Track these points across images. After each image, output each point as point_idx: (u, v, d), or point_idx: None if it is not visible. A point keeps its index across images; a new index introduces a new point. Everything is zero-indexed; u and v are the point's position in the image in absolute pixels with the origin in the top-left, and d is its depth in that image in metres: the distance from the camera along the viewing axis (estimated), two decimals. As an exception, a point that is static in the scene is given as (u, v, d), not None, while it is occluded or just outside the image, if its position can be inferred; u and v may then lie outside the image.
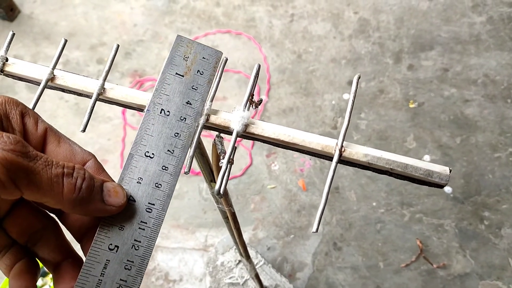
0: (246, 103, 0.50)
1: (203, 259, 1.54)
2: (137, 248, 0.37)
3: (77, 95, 0.53)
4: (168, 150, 0.42)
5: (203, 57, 0.48)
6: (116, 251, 0.36)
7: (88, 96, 0.51)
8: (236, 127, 0.48)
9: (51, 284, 1.48)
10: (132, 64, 2.01)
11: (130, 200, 0.38)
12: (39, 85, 0.52)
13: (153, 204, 0.39)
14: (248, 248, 1.07)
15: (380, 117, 1.78)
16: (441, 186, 0.47)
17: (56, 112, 1.88)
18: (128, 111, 1.86)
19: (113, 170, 1.73)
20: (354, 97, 0.49)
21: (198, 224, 1.62)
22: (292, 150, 0.50)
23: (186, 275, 1.52)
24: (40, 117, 0.39)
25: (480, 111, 1.77)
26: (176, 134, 0.44)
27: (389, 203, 1.60)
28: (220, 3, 2.20)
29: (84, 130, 0.49)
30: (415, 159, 0.48)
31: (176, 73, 0.47)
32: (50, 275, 1.48)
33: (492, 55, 1.90)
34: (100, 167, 0.39)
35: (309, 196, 1.64)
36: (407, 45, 1.97)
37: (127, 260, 0.37)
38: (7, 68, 0.52)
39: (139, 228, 0.38)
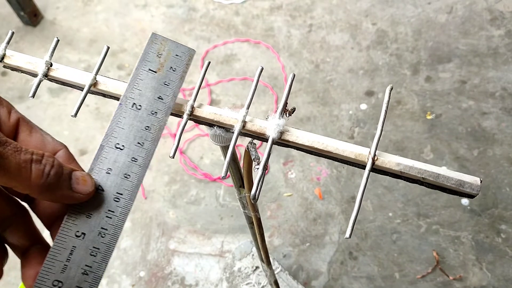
0: (282, 111, 0.51)
1: (219, 265, 1.56)
2: (103, 235, 0.39)
3: (117, 100, 0.55)
4: (138, 143, 0.44)
5: (176, 55, 0.50)
6: (83, 238, 0.38)
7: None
8: (272, 134, 0.50)
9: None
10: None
11: (98, 190, 0.40)
12: (81, 90, 0.54)
13: (121, 194, 0.41)
14: (267, 255, 1.08)
15: (397, 128, 1.79)
16: (472, 196, 0.48)
17: (77, 117, 1.91)
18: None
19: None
20: (387, 107, 0.51)
21: (215, 230, 1.63)
22: (325, 157, 0.52)
23: (202, 280, 1.54)
24: (14, 107, 0.41)
25: (498, 124, 1.77)
26: (147, 128, 0.45)
27: (406, 214, 1.61)
28: (239, 12, 2.22)
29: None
30: (446, 169, 0.49)
31: (149, 69, 0.48)
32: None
33: (510, 68, 1.90)
34: (70, 157, 0.41)
35: (325, 204, 1.65)
36: (425, 57, 1.98)
37: (93, 247, 0.38)
38: (52, 73, 0.54)
39: (106, 216, 0.39)
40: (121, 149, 0.43)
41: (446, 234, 1.56)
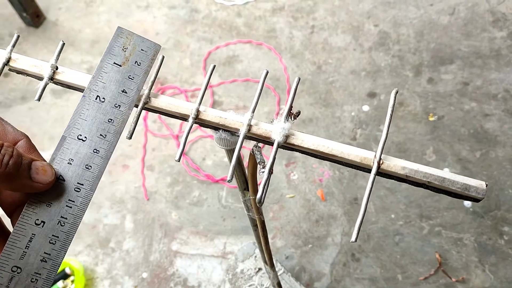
0: (287, 114, 0.51)
1: (222, 266, 1.56)
2: (63, 224, 0.40)
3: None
4: (100, 135, 0.45)
5: (141, 49, 0.51)
6: (42, 226, 0.39)
7: (135, 105, 0.53)
8: (277, 137, 0.50)
9: (72, 286, 1.50)
10: (153, 72, 2.04)
11: (59, 179, 0.41)
12: (82, 92, 0.54)
13: (82, 184, 0.42)
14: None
15: (399, 130, 1.79)
16: (478, 200, 0.48)
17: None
18: (149, 117, 1.89)
19: (134, 175, 1.76)
20: (392, 111, 0.51)
21: (217, 231, 1.63)
22: (331, 161, 0.52)
23: (204, 281, 1.54)
24: None
25: (500, 125, 1.77)
26: (110, 120, 0.46)
27: (408, 216, 1.60)
28: (241, 14, 2.23)
29: (130, 137, 0.51)
30: (451, 173, 0.49)
31: (114, 63, 0.49)
32: (71, 278, 1.50)
33: (512, 70, 1.90)
34: (31, 147, 0.41)
35: (328, 206, 1.65)
36: (427, 58, 1.98)
37: (52, 235, 0.39)
38: (57, 76, 0.54)
39: (67, 206, 0.40)
40: (83, 141, 0.44)
41: (448, 236, 1.56)
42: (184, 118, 0.53)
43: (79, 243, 1.63)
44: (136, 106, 0.53)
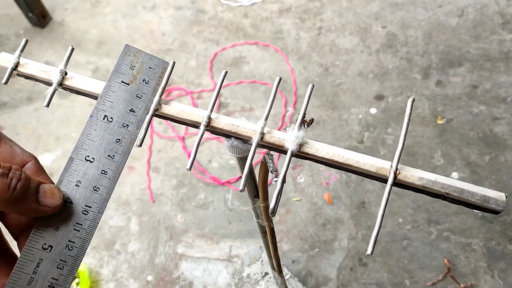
0: (301, 123, 0.50)
1: (227, 270, 1.54)
2: (70, 248, 0.39)
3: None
4: (108, 155, 0.44)
5: (149, 67, 0.50)
6: (50, 251, 0.38)
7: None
8: (291, 146, 0.49)
9: (77, 289, 1.50)
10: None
11: (67, 202, 0.40)
12: (96, 99, 0.53)
13: (90, 207, 0.41)
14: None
15: (408, 133, 1.76)
16: (497, 212, 0.47)
17: (85, 119, 1.91)
18: (155, 119, 1.88)
19: (139, 177, 1.75)
20: (409, 119, 0.49)
21: (223, 235, 1.62)
22: (345, 171, 0.51)
23: (210, 285, 1.53)
24: None
25: (510, 129, 1.75)
26: (118, 140, 0.45)
27: (416, 220, 1.59)
28: (248, 15, 2.21)
29: (140, 145, 0.50)
30: (469, 183, 0.47)
31: (122, 81, 0.48)
32: (76, 280, 1.49)
33: (522, 73, 1.88)
34: (39, 169, 0.40)
35: (335, 210, 1.64)
36: (436, 61, 1.96)
37: (60, 260, 0.38)
38: (66, 82, 0.53)
39: (74, 229, 0.39)
40: (91, 162, 0.43)
41: (457, 241, 1.54)
42: (195, 125, 0.52)
43: (84, 245, 1.62)
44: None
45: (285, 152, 0.49)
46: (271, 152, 0.56)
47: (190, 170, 0.46)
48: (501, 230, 1.55)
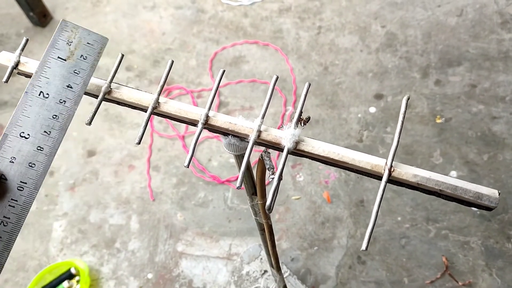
0: (297, 121, 0.51)
1: (227, 268, 1.55)
2: (5, 224, 0.39)
3: (133, 108, 0.55)
4: (44, 131, 0.44)
5: (88, 43, 0.49)
6: None
7: (143, 109, 0.53)
8: (287, 144, 0.49)
9: (77, 286, 1.50)
10: (160, 72, 2.05)
11: (1, 179, 0.40)
12: (96, 98, 0.54)
13: (25, 183, 0.41)
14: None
15: (406, 132, 1.78)
16: (490, 209, 0.48)
17: (85, 118, 1.91)
18: (155, 118, 1.89)
19: (140, 176, 1.76)
20: (404, 118, 0.50)
21: (223, 233, 1.63)
22: (341, 168, 0.51)
23: (209, 283, 1.54)
24: None
25: (508, 128, 1.75)
26: (55, 116, 0.45)
27: (414, 218, 1.60)
28: (248, 14, 2.22)
29: (139, 143, 0.51)
30: (462, 180, 0.48)
31: (58, 57, 0.47)
32: (77, 278, 1.50)
33: (521, 72, 1.89)
34: None
35: (334, 208, 1.64)
36: (435, 60, 1.97)
37: None
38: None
39: (9, 205, 0.39)
40: (26, 138, 0.43)
41: (455, 239, 1.55)
42: (193, 123, 0.53)
43: (84, 243, 1.63)
44: (145, 111, 0.53)
45: (281, 150, 0.50)
46: (269, 150, 0.57)
47: (188, 167, 0.46)
48: (499, 228, 1.56)
